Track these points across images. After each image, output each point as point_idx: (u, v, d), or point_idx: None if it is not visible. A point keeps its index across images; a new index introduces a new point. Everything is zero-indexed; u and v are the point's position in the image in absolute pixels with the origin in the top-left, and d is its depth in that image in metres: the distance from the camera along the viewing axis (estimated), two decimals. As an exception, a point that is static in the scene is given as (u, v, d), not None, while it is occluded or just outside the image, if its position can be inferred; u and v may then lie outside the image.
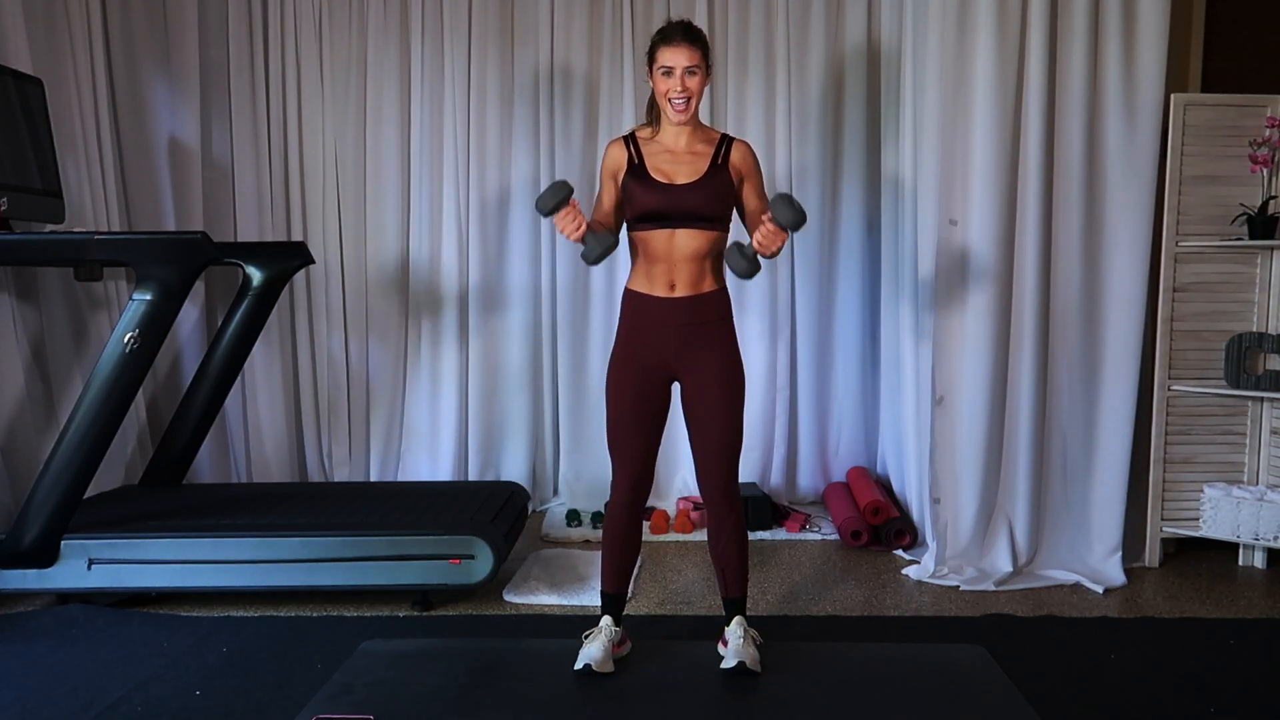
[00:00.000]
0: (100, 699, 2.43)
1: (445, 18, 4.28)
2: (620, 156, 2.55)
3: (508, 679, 2.51)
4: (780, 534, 4.00)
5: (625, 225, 2.58)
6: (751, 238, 2.43)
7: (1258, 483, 3.56)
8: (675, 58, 2.44)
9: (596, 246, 2.43)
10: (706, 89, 2.55)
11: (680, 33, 2.47)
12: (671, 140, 2.54)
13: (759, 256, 2.42)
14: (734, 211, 2.59)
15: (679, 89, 2.45)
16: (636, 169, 2.51)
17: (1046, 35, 3.31)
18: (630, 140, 2.57)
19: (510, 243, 4.42)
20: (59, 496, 2.98)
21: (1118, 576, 3.37)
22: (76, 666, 2.63)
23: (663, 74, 2.46)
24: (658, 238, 2.48)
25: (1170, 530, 3.57)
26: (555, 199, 2.37)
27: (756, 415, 4.32)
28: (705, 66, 2.48)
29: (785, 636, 2.83)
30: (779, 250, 2.41)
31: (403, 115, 4.35)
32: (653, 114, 2.60)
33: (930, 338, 3.49)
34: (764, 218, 2.37)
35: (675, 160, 2.52)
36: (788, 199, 2.34)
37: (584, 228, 2.41)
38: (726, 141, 2.56)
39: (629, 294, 2.57)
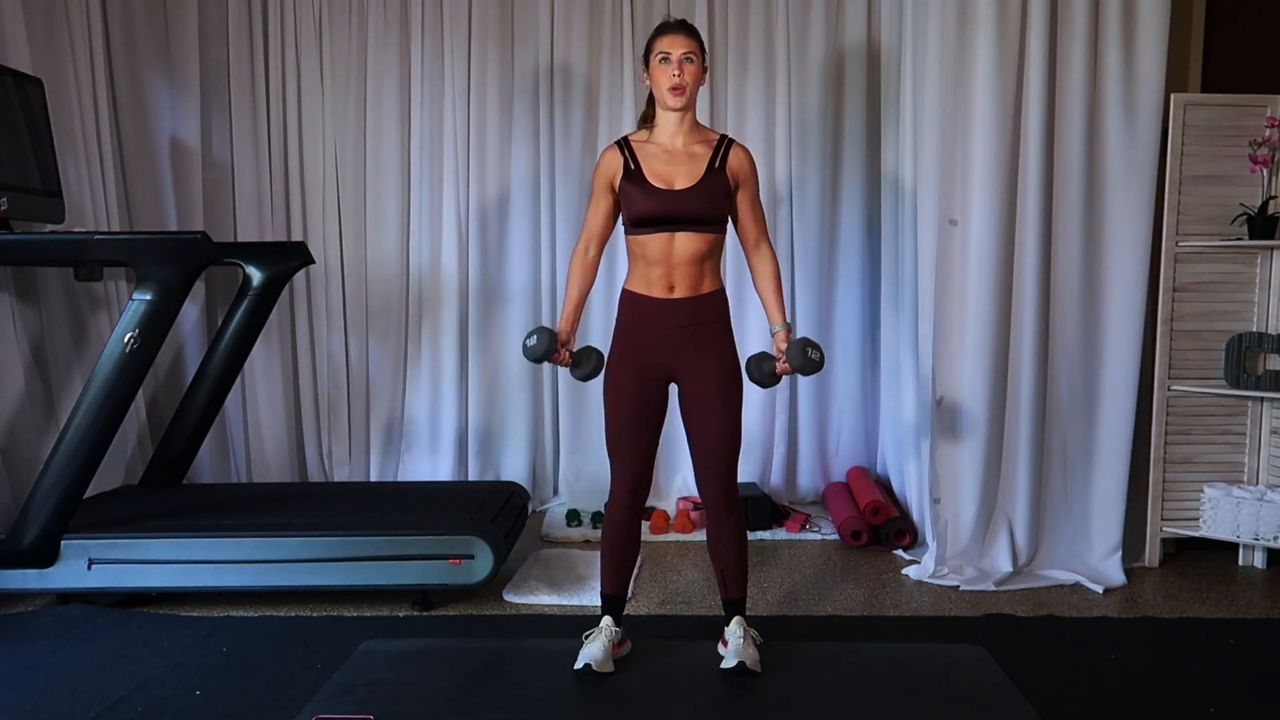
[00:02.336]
0: (100, 699, 2.43)
1: (445, 18, 4.28)
2: (615, 163, 2.54)
3: (508, 679, 2.51)
4: (780, 534, 4.00)
5: (623, 230, 2.59)
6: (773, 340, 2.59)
7: (1258, 483, 3.56)
8: (673, 44, 2.48)
9: (584, 370, 2.58)
10: (706, 89, 2.56)
11: (677, 25, 2.53)
12: (668, 140, 2.53)
13: (775, 379, 2.59)
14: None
15: (676, 73, 2.46)
16: (633, 174, 2.50)
17: (1046, 35, 3.31)
18: (624, 146, 2.56)
19: (510, 243, 4.42)
20: (59, 496, 2.98)
21: (1118, 576, 3.37)
22: (76, 666, 2.63)
23: (660, 60, 2.48)
24: (656, 241, 2.48)
25: (1170, 530, 3.57)
26: (544, 352, 2.51)
27: (756, 415, 4.32)
28: (702, 60, 2.51)
29: (785, 636, 2.83)
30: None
31: (403, 115, 4.36)
32: (648, 111, 2.60)
33: (930, 338, 3.49)
34: (780, 364, 2.52)
35: (673, 162, 2.51)
36: (803, 349, 2.47)
37: (569, 358, 2.56)
38: (725, 143, 2.55)
39: (627, 295, 2.57)
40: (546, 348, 2.51)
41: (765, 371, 2.57)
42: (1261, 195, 3.44)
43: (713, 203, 2.48)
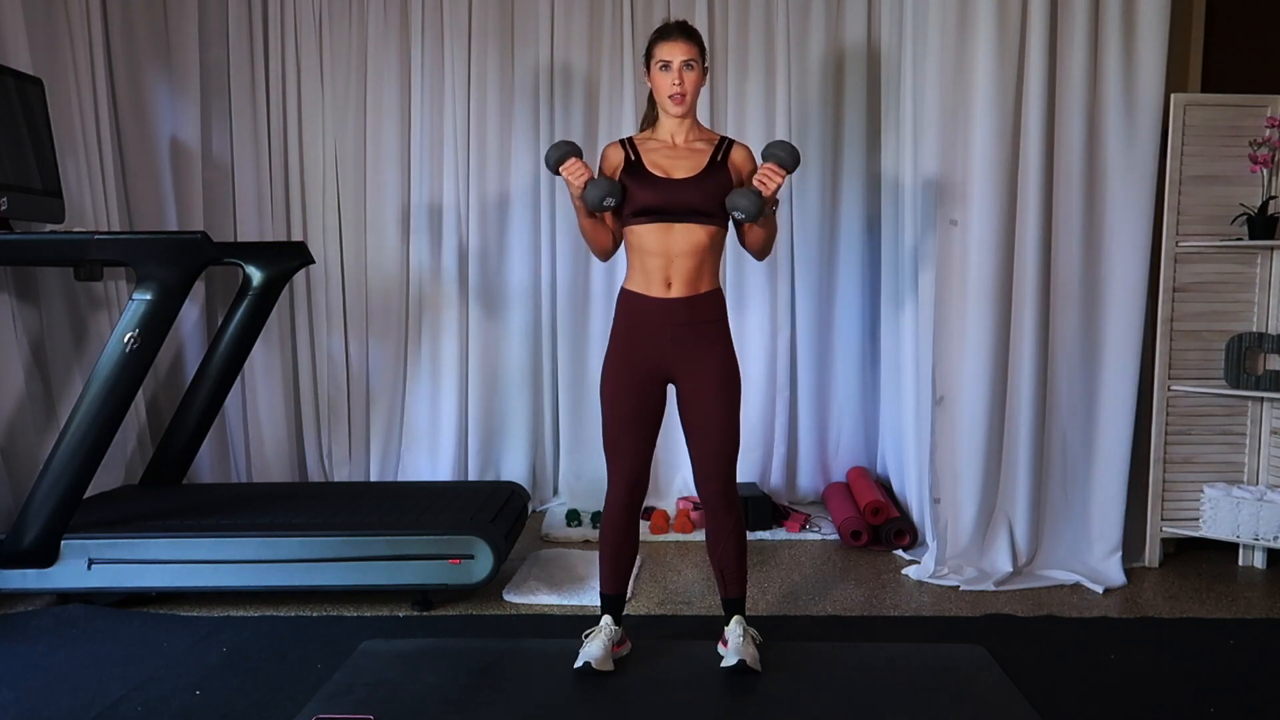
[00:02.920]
0: (100, 699, 2.43)
1: (445, 17, 4.28)
2: (617, 157, 2.56)
3: (508, 679, 2.51)
4: (780, 534, 4.00)
5: (622, 223, 2.57)
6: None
7: (1258, 483, 3.56)
8: (672, 52, 2.48)
9: (597, 190, 2.46)
10: (706, 89, 2.57)
11: (677, 29, 2.52)
12: (669, 137, 2.56)
13: (760, 197, 2.46)
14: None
15: (676, 81, 2.47)
16: (634, 165, 2.52)
17: (1046, 35, 3.31)
18: (627, 143, 2.59)
19: (510, 243, 4.42)
20: (59, 496, 2.98)
21: (1118, 576, 3.37)
22: (76, 666, 2.63)
23: (660, 68, 2.50)
24: (655, 232, 2.48)
25: (1170, 530, 3.57)
26: (562, 151, 2.48)
27: (756, 415, 4.32)
28: (702, 64, 2.52)
29: (785, 636, 2.83)
30: (777, 193, 2.48)
31: (403, 115, 4.35)
32: (650, 114, 2.63)
33: (930, 338, 3.49)
34: (760, 173, 2.47)
35: (674, 156, 2.53)
36: (781, 141, 2.49)
37: (587, 175, 2.48)
38: (727, 142, 2.58)
39: (625, 294, 2.57)
40: (570, 150, 2.49)
41: (753, 193, 2.44)
42: (1261, 195, 3.44)
43: (713, 194, 2.48)
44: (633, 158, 2.54)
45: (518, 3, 4.32)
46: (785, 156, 2.46)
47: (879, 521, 3.79)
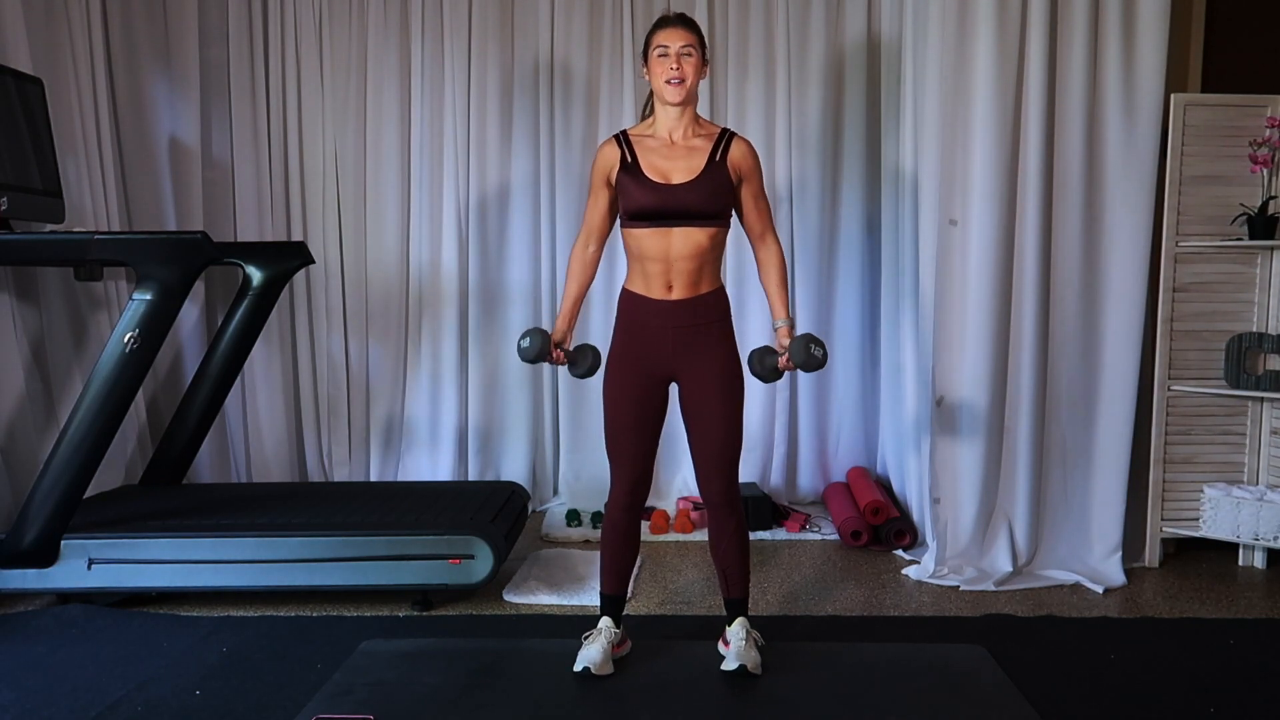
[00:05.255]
0: (100, 699, 2.43)
1: (445, 17, 4.28)
2: (612, 156, 2.51)
3: (508, 679, 2.51)
4: (780, 534, 4.00)
5: (620, 224, 2.56)
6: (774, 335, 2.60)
7: (1258, 483, 3.56)
8: (670, 38, 2.46)
9: (582, 365, 2.60)
10: (706, 88, 2.55)
11: (676, 18, 2.51)
12: (667, 134, 2.50)
13: (777, 373, 2.58)
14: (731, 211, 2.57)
15: (674, 67, 2.44)
16: (630, 166, 2.47)
17: (1046, 35, 3.31)
18: (622, 139, 2.53)
19: (510, 243, 4.42)
20: (59, 496, 2.98)
21: (1118, 576, 3.37)
22: (76, 666, 2.63)
23: (659, 55, 2.46)
24: (654, 237, 2.45)
25: (1170, 530, 3.57)
26: (538, 353, 2.50)
27: (756, 415, 4.32)
28: (701, 54, 2.48)
29: (786, 636, 2.83)
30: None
31: (403, 115, 4.36)
32: (649, 108, 2.58)
33: (930, 338, 3.49)
34: (783, 360, 2.49)
35: (671, 156, 2.47)
36: (805, 345, 2.44)
37: (564, 357, 2.57)
38: (727, 136, 2.52)
39: (625, 295, 2.55)
40: (540, 349, 2.50)
41: (768, 367, 2.57)
42: (1261, 195, 3.44)
43: (712, 197, 2.44)
44: (629, 159, 2.48)
45: (517, 2, 4.32)
46: (800, 364, 2.44)
47: (879, 521, 3.79)
